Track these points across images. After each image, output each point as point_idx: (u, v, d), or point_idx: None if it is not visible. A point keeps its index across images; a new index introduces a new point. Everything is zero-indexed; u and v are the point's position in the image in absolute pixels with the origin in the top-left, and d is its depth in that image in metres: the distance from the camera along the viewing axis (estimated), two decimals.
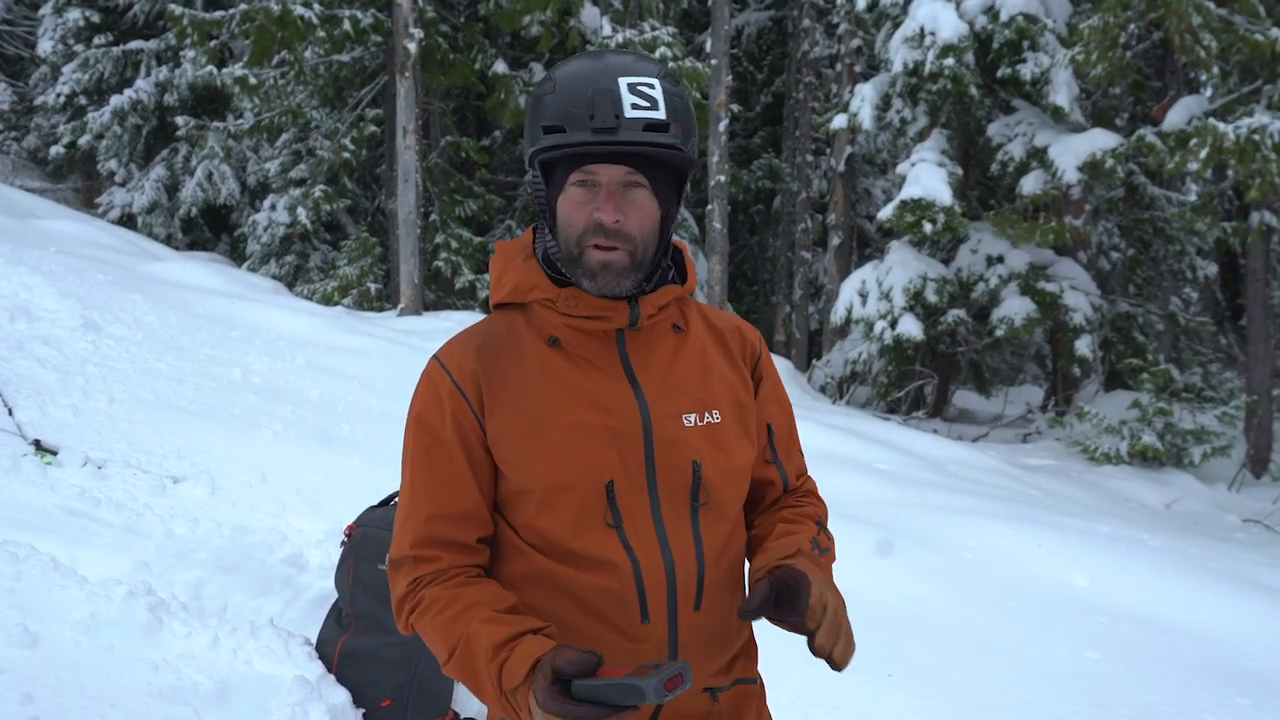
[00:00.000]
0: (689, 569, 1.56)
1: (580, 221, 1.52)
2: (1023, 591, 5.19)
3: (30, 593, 3.10)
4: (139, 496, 4.32)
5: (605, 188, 1.51)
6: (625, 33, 13.10)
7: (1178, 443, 11.18)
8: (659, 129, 1.48)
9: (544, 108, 1.52)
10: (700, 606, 1.57)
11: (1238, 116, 10.42)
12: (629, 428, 1.56)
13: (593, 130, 1.46)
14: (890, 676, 3.95)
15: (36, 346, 6.11)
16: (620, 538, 1.54)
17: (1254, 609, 5.16)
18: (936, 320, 12.96)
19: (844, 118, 13.38)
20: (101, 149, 19.50)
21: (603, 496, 1.54)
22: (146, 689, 2.75)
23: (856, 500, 6.15)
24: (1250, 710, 4.09)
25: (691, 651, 1.57)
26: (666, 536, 1.56)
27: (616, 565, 1.54)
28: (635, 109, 1.46)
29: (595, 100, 1.46)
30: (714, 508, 1.60)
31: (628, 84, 1.48)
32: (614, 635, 1.55)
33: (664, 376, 1.60)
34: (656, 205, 1.55)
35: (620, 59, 1.53)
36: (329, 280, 15.15)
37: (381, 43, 14.74)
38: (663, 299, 1.60)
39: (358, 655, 3.17)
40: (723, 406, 1.63)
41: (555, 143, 1.49)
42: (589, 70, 1.51)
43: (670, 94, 1.50)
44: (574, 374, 1.58)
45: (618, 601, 1.54)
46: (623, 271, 1.53)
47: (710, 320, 1.71)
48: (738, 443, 1.63)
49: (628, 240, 1.52)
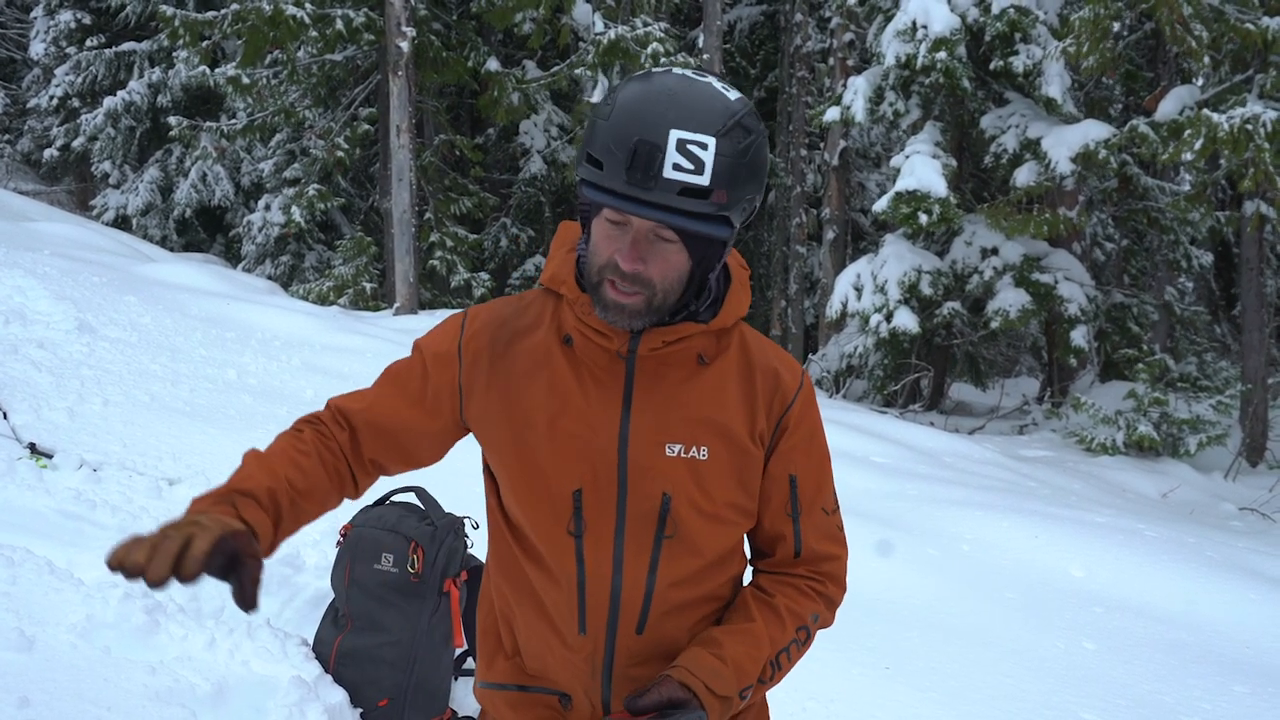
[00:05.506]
0: (636, 593, 1.57)
1: (604, 254, 1.49)
2: (1020, 582, 5.20)
3: (26, 596, 3.10)
4: (135, 499, 4.32)
5: (633, 234, 1.46)
6: (617, 29, 13.08)
7: (1174, 432, 11.20)
8: (697, 195, 1.39)
9: (596, 133, 1.43)
10: (642, 630, 1.59)
11: (1230, 106, 10.43)
12: (604, 445, 1.55)
13: (626, 183, 1.39)
14: (888, 668, 3.96)
15: (31, 349, 6.10)
16: (577, 548, 1.56)
17: (1250, 597, 5.18)
18: (932, 313, 12.97)
19: (837, 111, 13.38)
20: (95, 151, 19.47)
21: (569, 503, 1.56)
22: (143, 691, 2.75)
23: (854, 493, 6.14)
24: (1247, 698, 4.10)
25: (628, 670, 1.61)
26: (623, 557, 1.56)
27: (565, 572, 1.57)
28: (676, 169, 1.37)
29: (638, 150, 1.37)
30: (682, 541, 1.57)
31: (677, 140, 1.37)
32: (555, 638, 1.61)
33: (662, 403, 1.57)
34: (686, 258, 1.49)
35: (682, 104, 1.40)
36: (324, 280, 15.12)
37: (374, 41, 14.71)
38: (673, 335, 1.55)
39: (355, 655, 3.17)
40: (716, 445, 1.57)
41: (591, 179, 1.44)
42: (645, 108, 1.40)
43: (723, 155, 1.39)
44: (572, 380, 1.58)
45: (561, 607, 1.59)
46: (636, 315, 1.50)
47: (749, 355, 1.63)
48: (723, 485, 1.58)
49: (646, 286, 1.48)
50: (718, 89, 1.45)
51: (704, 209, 1.40)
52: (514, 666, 1.71)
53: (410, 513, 3.27)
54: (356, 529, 3.25)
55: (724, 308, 1.59)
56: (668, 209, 1.40)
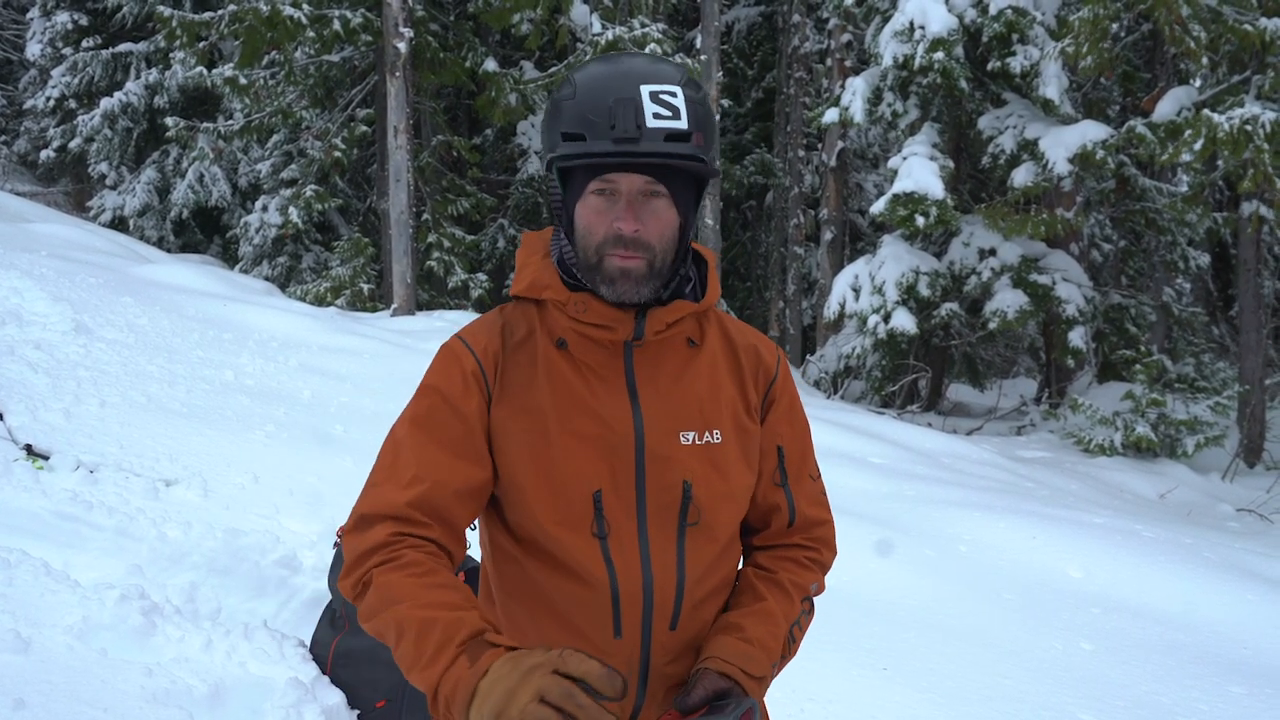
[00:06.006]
0: (668, 589, 1.55)
1: (600, 231, 1.50)
2: (1018, 583, 5.20)
3: (23, 598, 3.10)
4: (131, 500, 4.31)
5: (625, 197, 1.49)
6: (615, 29, 13.08)
7: (1171, 433, 11.20)
8: (681, 139, 1.44)
9: (563, 114, 1.48)
10: (676, 626, 1.57)
11: (1228, 107, 10.44)
12: (621, 441, 1.54)
13: (614, 140, 1.43)
14: (886, 669, 3.96)
15: (28, 351, 6.09)
16: (603, 549, 1.53)
17: (1248, 598, 5.18)
18: (930, 314, 12.97)
19: (835, 112, 13.39)
20: (92, 152, 19.44)
21: (590, 505, 1.53)
22: (140, 693, 2.74)
23: (852, 494, 6.15)
24: (1244, 698, 4.10)
25: (664, 668, 1.58)
26: (649, 554, 1.55)
27: (595, 576, 1.54)
28: (657, 118, 1.43)
29: (616, 109, 1.43)
30: (703, 529, 1.57)
31: (650, 92, 1.44)
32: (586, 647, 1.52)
33: (667, 392, 1.58)
34: (676, 214, 1.53)
35: (641, 64, 1.49)
36: (322, 281, 15.11)
37: (371, 42, 14.70)
38: (673, 315, 1.57)
39: (352, 656, 3.17)
40: (725, 427, 1.59)
41: (575, 151, 1.46)
42: (610, 76, 1.47)
43: (692, 102, 1.46)
44: (576, 380, 1.57)
45: (592, 613, 1.55)
46: (641, 279, 1.51)
47: (729, 335, 1.68)
48: (736, 466, 1.60)
49: (647, 249, 1.50)
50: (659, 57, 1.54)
51: (690, 151, 1.45)
52: None
53: None
54: None
55: (709, 287, 1.63)
56: (661, 155, 1.44)
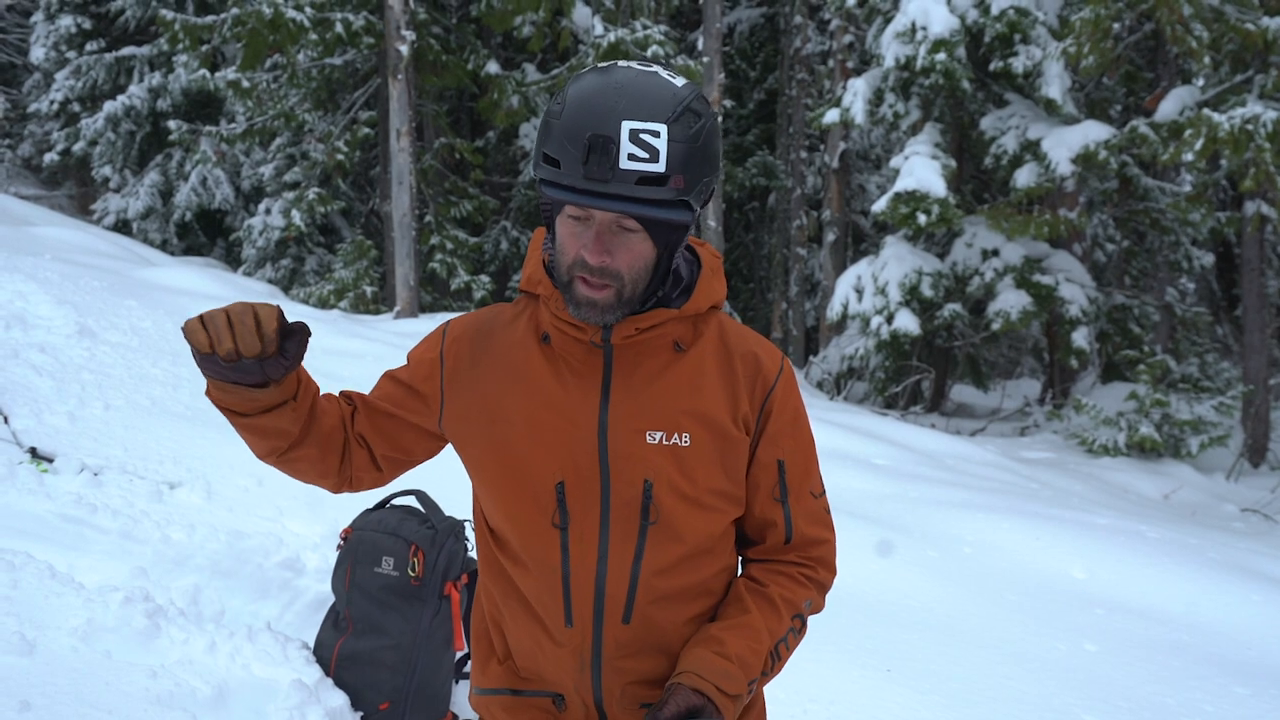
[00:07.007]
0: (621, 582, 1.57)
1: (571, 252, 1.51)
2: (1021, 585, 5.19)
3: (27, 600, 3.10)
4: (135, 503, 4.32)
5: (595, 227, 1.48)
6: (617, 32, 13.09)
7: (1175, 433, 11.19)
8: (655, 182, 1.41)
9: (550, 132, 1.46)
10: (630, 620, 1.59)
11: (1230, 106, 10.44)
12: (584, 435, 1.57)
13: (584, 177, 1.41)
14: (889, 671, 3.96)
15: (32, 354, 6.10)
16: (562, 539, 1.57)
17: (1252, 598, 5.17)
18: (933, 315, 12.96)
19: (837, 113, 13.38)
20: (95, 155, 19.47)
21: (552, 496, 1.57)
22: (144, 695, 2.75)
23: (855, 496, 6.15)
24: (1249, 699, 4.09)
25: (617, 662, 1.61)
26: (608, 547, 1.57)
27: (549, 564, 1.58)
28: (632, 160, 1.39)
29: (592, 145, 1.39)
30: (664, 528, 1.57)
31: (630, 130, 1.40)
32: (543, 635, 1.62)
33: (640, 391, 1.58)
34: (651, 246, 1.51)
35: (631, 95, 1.42)
36: (325, 283, 15.12)
37: (374, 45, 14.72)
38: (646, 321, 1.57)
39: (356, 658, 3.17)
40: (698, 431, 1.58)
41: (549, 178, 1.46)
42: (595, 102, 1.42)
43: (676, 143, 1.41)
44: (548, 374, 1.60)
45: (547, 600, 1.60)
46: (608, 308, 1.52)
47: (726, 341, 1.65)
48: (706, 469, 1.59)
49: (615, 278, 1.50)
50: (664, 78, 1.47)
51: (663, 195, 1.42)
52: (507, 671, 1.71)
53: (411, 516, 3.27)
54: (357, 532, 3.26)
55: (695, 293, 1.61)
56: (627, 199, 1.42)
